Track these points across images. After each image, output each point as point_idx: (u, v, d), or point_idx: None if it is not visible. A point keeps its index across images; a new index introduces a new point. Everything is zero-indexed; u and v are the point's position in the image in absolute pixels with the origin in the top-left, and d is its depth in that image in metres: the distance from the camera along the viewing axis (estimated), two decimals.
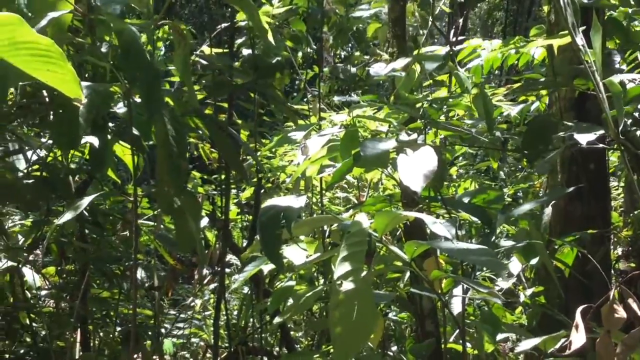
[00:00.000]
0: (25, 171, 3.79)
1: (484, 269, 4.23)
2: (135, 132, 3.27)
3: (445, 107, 3.60)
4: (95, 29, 3.20)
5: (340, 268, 2.10)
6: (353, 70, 6.73)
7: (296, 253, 2.82)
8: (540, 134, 3.19)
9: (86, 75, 3.82)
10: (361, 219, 2.28)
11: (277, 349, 5.22)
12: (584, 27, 2.43)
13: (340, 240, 2.78)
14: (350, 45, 7.33)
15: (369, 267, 2.30)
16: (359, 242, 2.17)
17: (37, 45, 1.43)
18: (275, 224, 2.26)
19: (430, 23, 4.20)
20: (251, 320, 5.17)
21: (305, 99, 5.75)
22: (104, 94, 3.05)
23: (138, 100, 3.21)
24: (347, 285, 2.08)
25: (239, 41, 5.06)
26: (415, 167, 2.49)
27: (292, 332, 5.39)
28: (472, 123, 3.31)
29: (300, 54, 6.30)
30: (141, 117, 3.28)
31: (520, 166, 7.20)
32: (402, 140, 2.79)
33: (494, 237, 2.97)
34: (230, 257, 5.57)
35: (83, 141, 3.13)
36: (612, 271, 4.57)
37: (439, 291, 2.85)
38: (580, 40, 2.29)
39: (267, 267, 2.92)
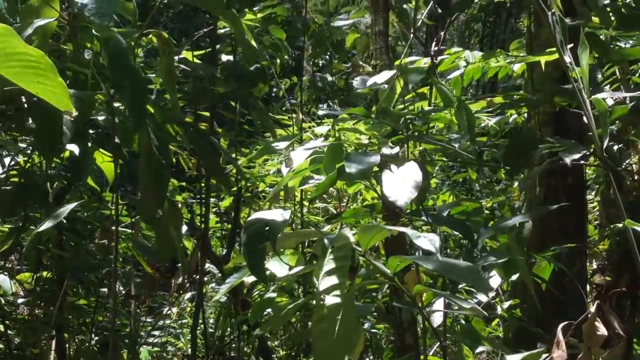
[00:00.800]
0: (2, 177, 3.75)
1: None
2: (116, 140, 3.25)
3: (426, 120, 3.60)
4: (77, 36, 3.17)
5: (324, 282, 2.09)
6: (331, 79, 6.73)
7: (278, 265, 2.80)
8: (522, 149, 3.19)
9: (67, 82, 3.78)
10: (345, 233, 2.26)
11: (253, 358, 5.19)
12: (571, 45, 2.44)
13: (321, 252, 2.77)
14: (328, 54, 7.34)
15: (352, 281, 2.30)
16: (343, 256, 2.16)
17: (27, 57, 1.41)
18: (259, 238, 2.25)
19: (411, 35, 4.21)
20: (228, 329, 5.14)
21: (283, 108, 5.75)
22: (87, 102, 3.02)
23: (117, 106, 3.19)
24: (331, 300, 2.07)
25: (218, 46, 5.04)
26: (401, 183, 2.51)
27: (268, 342, 5.36)
28: (456, 138, 3.31)
29: (278, 62, 6.29)
30: (122, 124, 3.26)
31: (496, 177, 7.23)
32: (386, 155, 2.78)
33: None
34: (208, 266, 5.54)
35: None
36: (588, 285, 4.59)
37: (420, 305, 2.84)
38: (568, 57, 2.30)
39: (250, 279, 2.91)
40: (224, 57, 5.03)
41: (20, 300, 4.74)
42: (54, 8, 2.80)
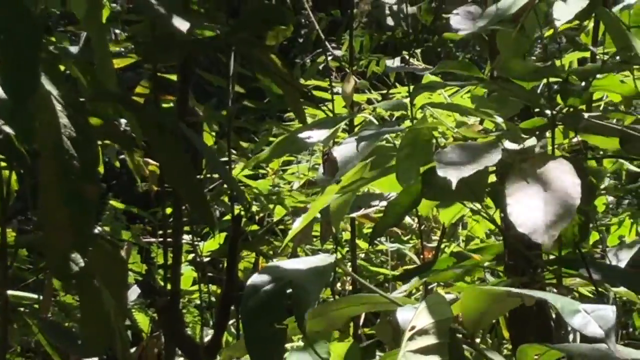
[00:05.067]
0: None
1: None
2: (6, 128, 3.25)
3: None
4: None
5: None
6: (412, 10, 6.71)
7: None
8: None
9: None
10: (439, 301, 2.23)
11: None
12: None
13: (392, 336, 2.73)
14: None
15: None
16: (435, 346, 2.12)
17: None
18: (274, 313, 2.21)
19: None
20: None
21: (320, 67, 5.75)
22: None
23: None
24: None
25: None
26: (541, 201, 2.48)
27: None
28: None
29: None
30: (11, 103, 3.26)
31: None
32: (512, 150, 2.74)
33: None
34: None
35: None
36: None
37: None
38: None
39: None
40: None
41: None
42: None
